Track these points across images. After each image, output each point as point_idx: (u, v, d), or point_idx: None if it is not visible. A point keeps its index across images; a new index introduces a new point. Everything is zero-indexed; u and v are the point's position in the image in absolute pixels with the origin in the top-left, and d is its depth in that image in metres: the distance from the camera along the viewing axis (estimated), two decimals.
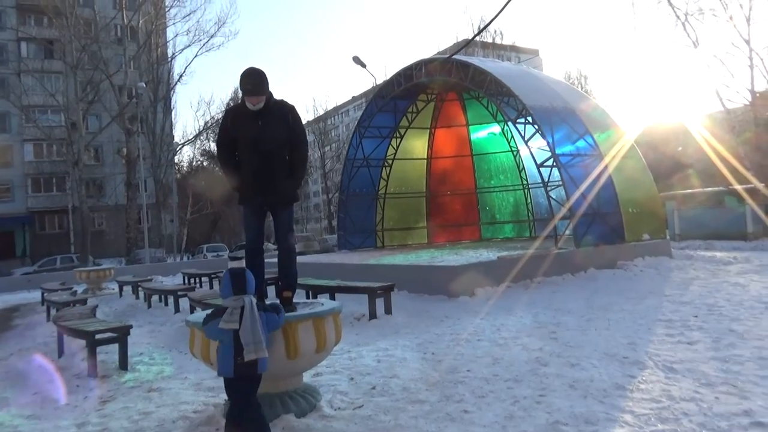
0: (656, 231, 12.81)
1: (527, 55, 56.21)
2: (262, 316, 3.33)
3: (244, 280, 3.35)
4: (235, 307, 3.24)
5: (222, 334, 3.25)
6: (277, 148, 4.22)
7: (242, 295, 3.28)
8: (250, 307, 3.23)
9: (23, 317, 12.17)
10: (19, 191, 39.30)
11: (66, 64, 32.89)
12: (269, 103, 4.20)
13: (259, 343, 3.20)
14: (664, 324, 6.06)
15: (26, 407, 4.87)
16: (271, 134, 4.18)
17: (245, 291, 3.32)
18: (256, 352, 3.19)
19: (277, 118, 4.22)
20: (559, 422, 3.46)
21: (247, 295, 3.30)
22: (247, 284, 3.35)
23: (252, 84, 4.08)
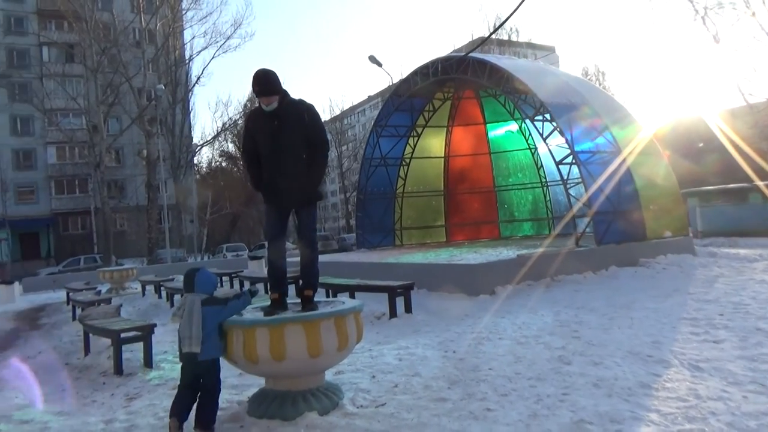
0: (678, 228, 12.63)
1: (543, 52, 55.82)
2: (207, 311, 3.70)
3: (191, 280, 3.84)
4: (182, 305, 3.77)
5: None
6: (294, 148, 4.22)
7: (188, 294, 3.80)
8: (190, 305, 3.71)
9: (49, 316, 12.41)
10: (43, 193, 40.06)
11: (86, 67, 33.46)
12: (284, 102, 4.21)
13: (195, 338, 3.64)
14: (688, 322, 5.98)
15: (55, 404, 4.98)
16: (286, 134, 4.20)
17: (192, 290, 3.80)
18: (190, 345, 3.65)
19: (293, 117, 4.22)
20: (583, 421, 3.44)
21: (193, 294, 3.78)
22: (194, 284, 3.82)
23: (260, 85, 4.14)
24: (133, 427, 4.04)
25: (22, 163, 39.72)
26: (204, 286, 3.85)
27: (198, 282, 3.83)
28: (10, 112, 37.89)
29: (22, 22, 39.76)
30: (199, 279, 3.85)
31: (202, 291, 3.81)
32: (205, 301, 3.75)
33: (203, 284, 3.85)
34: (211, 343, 3.70)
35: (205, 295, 3.80)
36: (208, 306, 3.74)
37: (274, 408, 3.87)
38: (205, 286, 3.86)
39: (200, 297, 3.75)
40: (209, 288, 3.89)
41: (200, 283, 3.84)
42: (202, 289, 3.82)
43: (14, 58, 38.89)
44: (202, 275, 3.89)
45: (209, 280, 3.93)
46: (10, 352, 8.33)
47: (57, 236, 40.01)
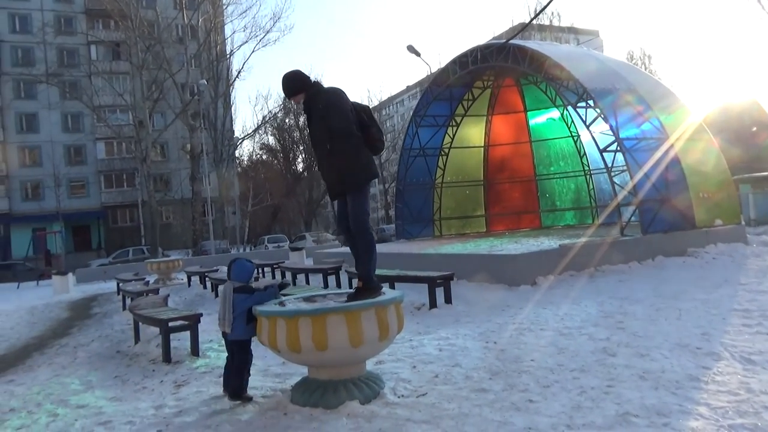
0: (730, 216, 12.15)
1: (587, 37, 54.31)
2: (237, 297, 4.16)
3: (229, 269, 4.39)
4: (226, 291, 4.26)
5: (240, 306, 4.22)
6: (319, 139, 4.24)
7: (227, 281, 4.33)
8: (224, 291, 4.27)
9: (101, 306, 12.91)
10: (94, 187, 41.60)
11: (132, 64, 34.44)
12: (308, 96, 4.26)
13: (227, 320, 4.17)
14: (740, 314, 5.76)
15: (109, 389, 5.19)
16: (312, 127, 4.35)
17: (229, 277, 4.33)
18: (223, 326, 4.23)
19: (314, 110, 4.25)
20: (629, 413, 3.37)
21: (229, 281, 4.29)
22: (231, 272, 4.34)
23: (283, 90, 4.37)
24: (182, 413, 4.18)
25: (73, 158, 41.31)
26: (239, 275, 4.31)
27: (233, 271, 4.33)
28: (61, 110, 39.38)
29: (71, 22, 41.19)
30: (235, 268, 4.34)
31: (237, 279, 4.29)
32: (237, 289, 4.21)
33: (238, 273, 4.32)
34: (237, 325, 4.16)
35: (238, 283, 4.26)
36: (238, 293, 4.18)
37: (317, 396, 3.93)
38: (240, 275, 4.32)
39: (233, 284, 4.24)
40: (243, 277, 4.32)
41: (235, 272, 4.33)
42: (237, 278, 4.29)
43: (65, 57, 40.35)
44: (238, 265, 4.36)
45: (244, 269, 4.36)
46: (66, 340, 8.72)
47: (107, 228, 41.52)
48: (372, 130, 4.30)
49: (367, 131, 4.27)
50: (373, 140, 4.31)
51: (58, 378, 5.90)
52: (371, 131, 4.29)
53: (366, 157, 4.30)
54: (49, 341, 8.82)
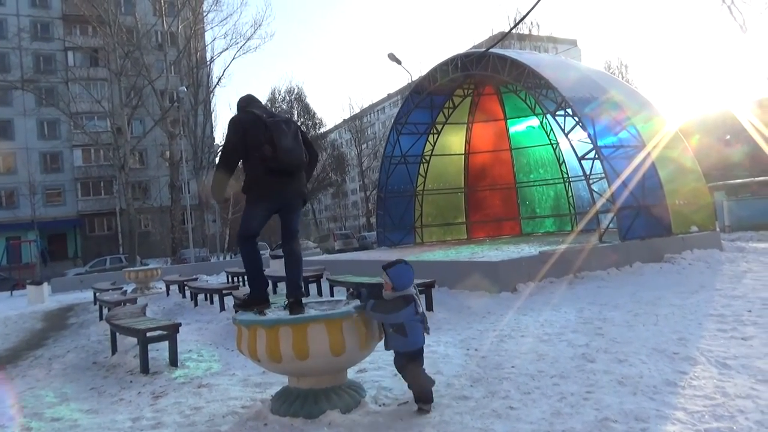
0: (705, 223, 12.38)
1: (565, 46, 55.17)
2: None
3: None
4: (416, 293, 3.90)
5: (414, 317, 3.80)
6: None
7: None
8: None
9: (77, 316, 12.66)
10: (70, 195, 40.93)
11: (110, 71, 34.05)
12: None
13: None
14: (715, 319, 5.87)
15: (84, 402, 5.09)
16: None
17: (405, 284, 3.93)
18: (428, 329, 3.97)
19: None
20: (608, 419, 3.40)
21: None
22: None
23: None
24: (160, 425, 4.11)
25: (49, 165, 40.63)
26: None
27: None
28: (37, 117, 38.75)
29: (48, 27, 40.60)
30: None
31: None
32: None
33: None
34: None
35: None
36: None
37: (297, 406, 3.90)
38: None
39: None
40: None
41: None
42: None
43: (41, 64, 39.76)
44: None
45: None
46: (41, 351, 8.53)
47: (84, 237, 40.85)
48: (264, 147, 4.20)
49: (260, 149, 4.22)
50: (261, 159, 4.21)
51: (32, 390, 5.76)
52: (263, 148, 4.20)
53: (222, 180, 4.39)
54: (22, 353, 8.62)
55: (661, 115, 13.23)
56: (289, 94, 54.48)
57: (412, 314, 3.77)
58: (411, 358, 3.85)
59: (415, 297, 3.84)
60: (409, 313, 3.76)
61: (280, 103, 53.85)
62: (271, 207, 4.38)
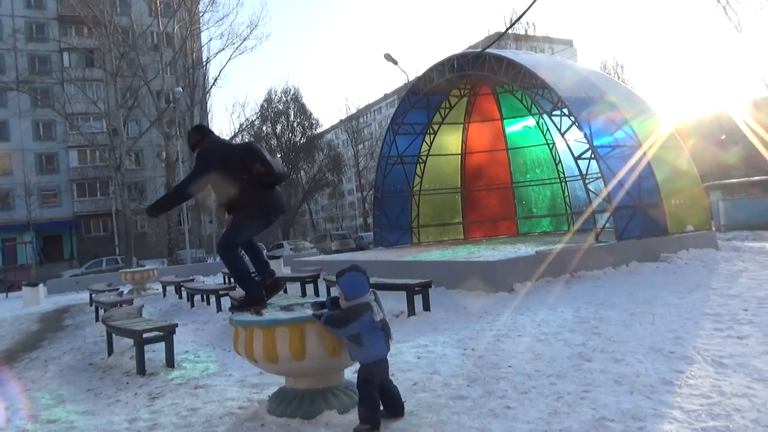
0: (700, 222, 12.42)
1: (561, 46, 55.29)
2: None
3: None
4: (372, 300, 3.66)
5: (371, 325, 3.57)
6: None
7: (370, 289, 3.73)
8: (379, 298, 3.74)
9: (73, 318, 12.63)
10: (66, 196, 40.78)
11: (106, 72, 33.90)
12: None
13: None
14: (711, 318, 5.88)
15: (81, 403, 5.07)
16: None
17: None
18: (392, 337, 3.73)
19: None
20: (605, 418, 3.40)
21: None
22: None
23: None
24: (156, 426, 4.10)
25: (45, 167, 40.48)
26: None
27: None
28: (32, 118, 38.60)
29: (43, 28, 40.46)
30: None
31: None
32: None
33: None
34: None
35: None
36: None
37: (294, 407, 3.90)
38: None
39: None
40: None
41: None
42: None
43: (36, 64, 39.59)
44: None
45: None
46: (36, 353, 8.50)
47: (80, 238, 40.70)
48: (254, 166, 4.41)
49: (248, 170, 4.42)
50: (257, 176, 4.42)
51: (28, 393, 5.75)
52: (253, 168, 4.41)
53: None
54: (18, 355, 8.59)
55: (657, 115, 13.26)
56: (286, 94, 54.43)
57: (369, 323, 3.55)
58: (370, 371, 3.59)
59: (372, 304, 3.62)
60: (364, 322, 3.54)
61: (277, 104, 53.81)
62: (267, 222, 4.69)
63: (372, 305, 3.61)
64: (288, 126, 53.57)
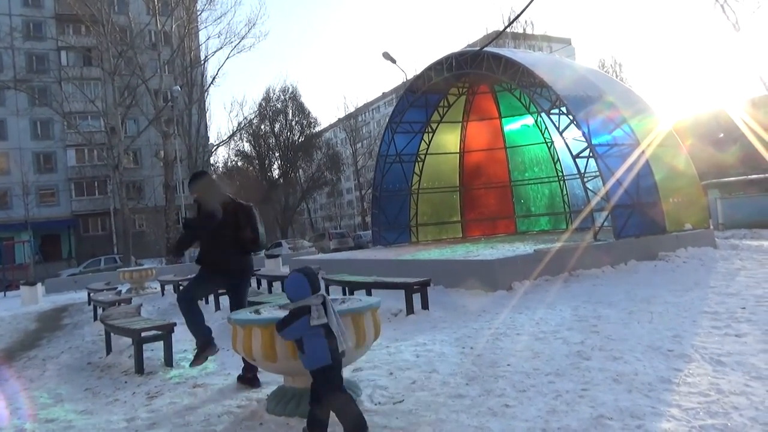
0: (699, 221, 12.44)
1: (559, 45, 55.32)
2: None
3: (317, 278, 3.54)
4: (317, 303, 3.38)
5: (310, 330, 3.35)
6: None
7: (320, 293, 3.47)
8: (331, 302, 3.45)
9: (71, 317, 12.60)
10: (64, 195, 40.74)
11: (104, 70, 33.83)
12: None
13: (345, 333, 3.45)
14: (710, 316, 5.89)
15: (79, 402, 5.06)
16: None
17: (319, 288, 3.51)
18: (346, 341, 3.44)
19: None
20: (603, 416, 3.41)
21: (322, 291, 3.51)
22: (319, 281, 3.56)
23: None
24: (155, 425, 4.09)
25: (42, 166, 40.44)
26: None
27: (319, 280, 3.74)
28: (30, 116, 38.55)
29: (41, 27, 40.40)
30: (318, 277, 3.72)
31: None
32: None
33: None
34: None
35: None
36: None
37: (293, 405, 3.89)
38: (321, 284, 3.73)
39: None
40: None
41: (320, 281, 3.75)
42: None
43: (34, 63, 39.53)
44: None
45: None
46: (34, 352, 8.49)
47: (78, 237, 40.66)
48: (246, 231, 4.95)
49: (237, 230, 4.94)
50: (242, 240, 4.95)
51: (26, 392, 5.73)
52: (245, 231, 4.96)
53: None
54: (16, 354, 8.57)
55: (656, 114, 13.28)
56: (284, 93, 54.41)
57: (305, 327, 3.32)
58: (323, 381, 3.37)
59: (314, 308, 3.35)
60: (300, 326, 3.34)
61: (275, 102, 53.78)
62: (212, 287, 5.39)
63: (313, 308, 3.35)
64: (286, 125, 53.55)
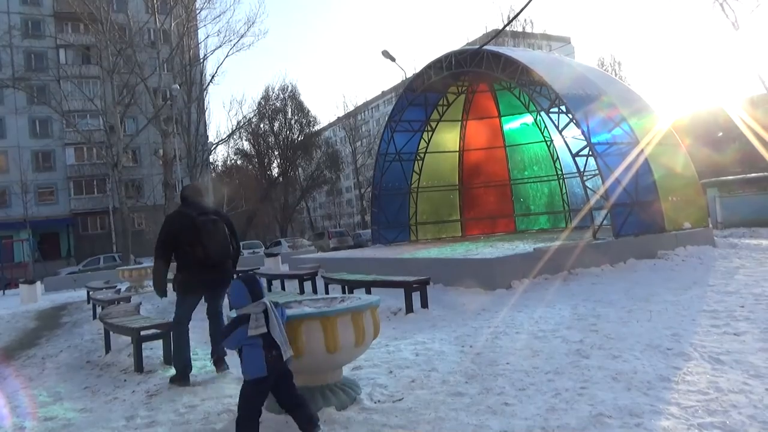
0: (697, 219, 12.45)
1: (559, 43, 55.30)
2: (280, 313, 3.46)
3: (259, 286, 3.46)
4: (257, 312, 3.32)
5: (248, 340, 3.29)
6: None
7: (261, 300, 3.38)
8: (273, 310, 3.36)
9: (71, 315, 12.59)
10: (63, 194, 40.68)
11: (103, 69, 33.79)
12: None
13: (287, 342, 3.38)
14: (708, 315, 5.90)
15: (78, 401, 5.06)
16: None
17: (262, 295, 3.42)
18: (289, 349, 3.38)
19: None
20: (602, 414, 3.41)
21: (265, 299, 3.41)
22: (262, 289, 3.47)
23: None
24: (154, 423, 4.10)
25: (41, 164, 40.37)
26: (265, 292, 3.63)
27: (263, 287, 3.56)
28: (29, 115, 38.48)
29: (39, 25, 40.28)
30: (262, 284, 3.60)
31: (263, 295, 3.52)
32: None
33: (265, 289, 3.62)
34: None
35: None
36: (278, 308, 3.52)
37: None
38: (265, 291, 3.63)
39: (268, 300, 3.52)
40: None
41: (264, 288, 3.61)
42: (266, 294, 3.56)
43: (32, 61, 39.45)
44: (259, 282, 3.60)
45: (264, 286, 3.78)
46: (34, 351, 8.48)
47: (77, 236, 40.62)
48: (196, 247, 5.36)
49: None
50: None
51: (26, 390, 5.73)
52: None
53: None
54: (15, 352, 8.57)
55: (655, 113, 13.28)
56: (283, 91, 54.36)
57: (242, 337, 3.25)
58: (249, 390, 3.31)
59: (255, 316, 3.28)
60: (239, 335, 3.27)
61: (274, 101, 53.74)
62: (198, 297, 5.58)
63: (252, 317, 3.27)
64: (286, 123, 53.52)
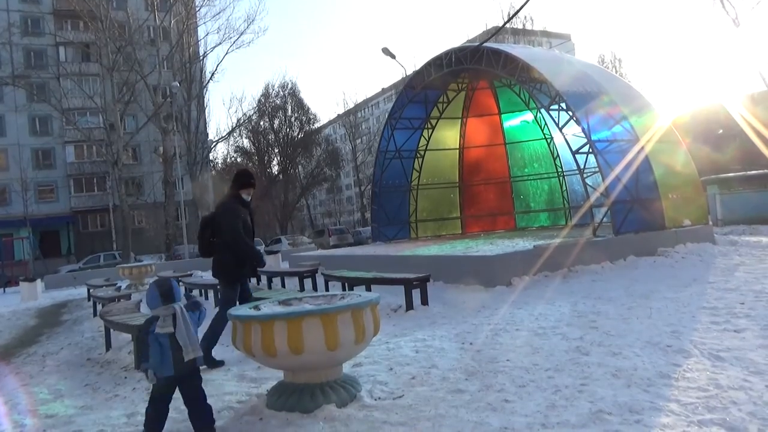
0: (698, 216, 12.45)
1: (559, 40, 55.23)
2: (192, 317, 3.64)
3: (171, 290, 3.62)
4: (166, 315, 3.50)
5: (159, 339, 3.47)
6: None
7: (171, 304, 3.55)
8: (182, 313, 3.54)
9: (71, 313, 12.61)
10: (63, 192, 40.70)
11: (102, 66, 33.81)
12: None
13: (195, 343, 3.54)
14: (708, 312, 5.90)
15: (79, 398, 5.07)
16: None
17: (174, 300, 3.58)
18: (194, 351, 3.52)
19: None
20: (602, 411, 3.42)
21: (177, 303, 3.57)
22: (174, 294, 3.62)
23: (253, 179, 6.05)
24: None
25: (41, 162, 40.38)
26: (180, 296, 3.71)
27: (177, 292, 3.66)
28: (28, 113, 38.48)
29: (39, 22, 40.25)
30: (177, 289, 3.69)
31: (179, 298, 3.67)
32: (188, 308, 3.70)
33: (179, 294, 3.70)
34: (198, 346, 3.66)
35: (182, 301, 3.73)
36: (192, 312, 3.69)
37: (293, 401, 3.90)
38: (180, 296, 3.70)
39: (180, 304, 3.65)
40: (181, 298, 3.74)
41: (178, 293, 3.70)
42: (179, 299, 3.67)
43: (32, 59, 39.43)
44: (176, 285, 3.75)
45: (180, 291, 3.77)
46: (34, 348, 8.50)
47: (77, 234, 40.65)
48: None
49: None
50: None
51: (26, 387, 5.74)
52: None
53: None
54: (16, 350, 8.58)
55: (655, 110, 13.27)
56: (283, 89, 54.36)
57: (152, 337, 3.46)
58: (162, 390, 3.51)
59: (163, 318, 3.46)
60: (148, 335, 3.48)
61: (274, 98, 53.71)
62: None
63: (160, 318, 3.46)
64: (285, 121, 53.50)
